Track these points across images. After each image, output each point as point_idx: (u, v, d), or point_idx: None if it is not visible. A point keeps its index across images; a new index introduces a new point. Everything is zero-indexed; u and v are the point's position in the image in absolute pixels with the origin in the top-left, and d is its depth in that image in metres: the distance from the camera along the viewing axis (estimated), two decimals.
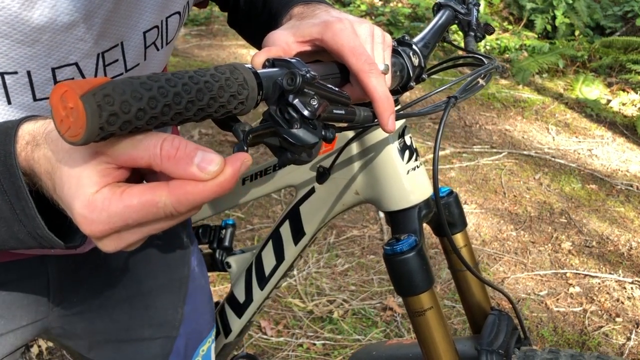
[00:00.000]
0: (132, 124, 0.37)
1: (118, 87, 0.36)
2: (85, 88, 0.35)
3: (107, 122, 0.35)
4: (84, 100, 0.34)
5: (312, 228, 0.82)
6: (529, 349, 0.79)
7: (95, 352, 0.83)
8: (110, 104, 0.35)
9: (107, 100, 0.35)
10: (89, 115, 0.34)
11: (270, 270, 0.87)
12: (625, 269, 2.30)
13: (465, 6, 0.80)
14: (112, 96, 0.35)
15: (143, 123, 0.37)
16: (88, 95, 0.34)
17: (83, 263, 0.79)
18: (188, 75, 0.40)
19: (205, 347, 0.91)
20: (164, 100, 0.38)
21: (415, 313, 0.71)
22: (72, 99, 0.34)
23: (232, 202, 0.94)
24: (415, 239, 0.70)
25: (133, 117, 0.36)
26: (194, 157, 0.39)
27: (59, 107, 0.35)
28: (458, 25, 0.81)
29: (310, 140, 0.46)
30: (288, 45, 0.58)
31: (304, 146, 0.46)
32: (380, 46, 0.61)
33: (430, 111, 0.63)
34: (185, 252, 0.88)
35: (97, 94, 0.35)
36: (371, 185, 0.74)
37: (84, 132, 0.35)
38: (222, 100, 0.41)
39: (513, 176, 2.95)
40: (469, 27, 0.80)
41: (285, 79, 0.45)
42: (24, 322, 0.75)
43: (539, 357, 0.77)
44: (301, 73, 0.45)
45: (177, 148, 0.39)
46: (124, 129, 0.37)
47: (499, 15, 4.91)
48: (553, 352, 0.77)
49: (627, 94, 3.83)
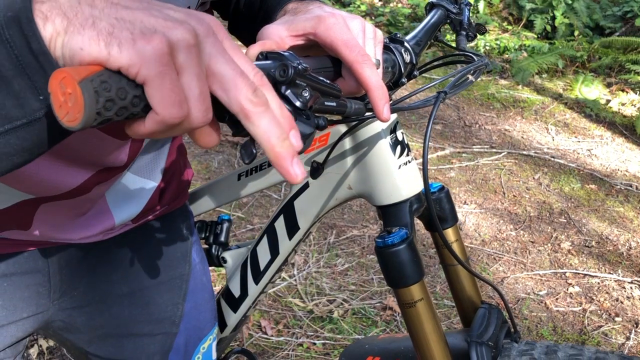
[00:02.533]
0: (127, 110, 0.38)
1: (115, 74, 0.37)
2: (83, 74, 0.35)
3: (104, 107, 0.36)
4: (81, 86, 0.35)
5: (306, 223, 0.83)
6: (528, 340, 0.81)
7: (95, 346, 0.84)
8: (107, 89, 0.36)
9: (104, 86, 0.36)
10: (87, 100, 0.35)
11: (265, 264, 0.88)
12: (625, 268, 2.31)
13: (457, 6, 0.82)
14: (109, 82, 0.36)
15: (139, 110, 0.38)
16: (86, 82, 0.35)
17: (84, 258, 0.80)
18: None
19: (206, 344, 0.91)
20: None
21: (406, 304, 0.72)
22: (70, 84, 0.35)
23: (228, 198, 0.95)
24: (406, 232, 0.72)
25: (129, 104, 0.37)
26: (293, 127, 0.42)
27: (58, 93, 0.36)
28: (450, 24, 0.82)
29: (306, 131, 0.46)
30: (281, 39, 0.59)
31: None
32: (372, 41, 0.62)
33: (421, 105, 0.64)
34: (187, 248, 0.88)
35: (94, 80, 0.36)
36: (363, 180, 0.75)
37: (82, 117, 0.35)
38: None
39: (512, 176, 2.96)
40: (460, 27, 0.82)
41: (277, 70, 0.46)
42: (25, 314, 0.76)
43: (537, 350, 0.78)
44: (293, 65, 0.46)
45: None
46: (120, 114, 0.37)
47: (498, 16, 4.92)
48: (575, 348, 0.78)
49: (626, 94, 3.83)
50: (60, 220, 0.74)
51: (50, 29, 0.37)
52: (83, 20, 0.37)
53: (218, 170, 2.82)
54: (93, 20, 0.37)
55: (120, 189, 0.77)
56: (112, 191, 0.77)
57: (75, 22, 0.37)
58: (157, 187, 0.81)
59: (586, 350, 0.78)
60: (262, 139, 0.41)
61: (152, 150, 0.79)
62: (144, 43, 0.36)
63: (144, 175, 0.79)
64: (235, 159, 2.93)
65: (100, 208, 0.77)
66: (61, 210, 0.72)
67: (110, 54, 0.36)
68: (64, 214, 0.73)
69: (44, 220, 0.72)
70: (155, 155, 0.80)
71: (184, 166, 0.89)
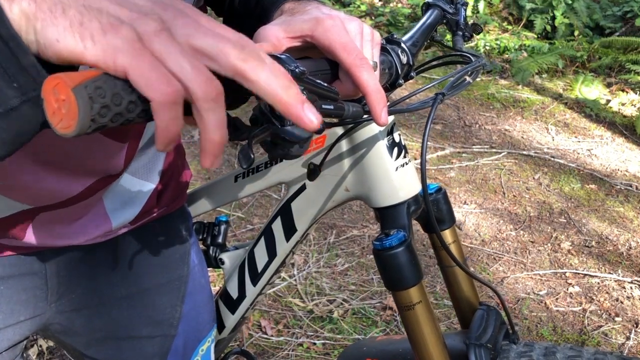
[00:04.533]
0: (123, 116, 0.37)
1: (110, 79, 0.36)
2: (77, 80, 0.35)
3: (99, 114, 0.36)
4: (75, 92, 0.34)
5: (303, 224, 0.82)
6: (527, 342, 0.80)
7: (93, 349, 0.84)
8: (102, 95, 0.35)
9: (99, 92, 0.35)
10: (81, 107, 0.35)
11: (263, 266, 0.88)
12: (625, 268, 2.30)
13: (454, 6, 0.82)
14: (104, 88, 0.36)
15: (134, 115, 0.38)
16: (80, 88, 0.35)
17: (82, 260, 0.79)
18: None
19: (205, 346, 0.91)
20: None
21: (404, 307, 0.72)
22: (64, 91, 0.34)
23: (225, 199, 0.95)
24: (404, 234, 0.71)
25: (124, 110, 0.37)
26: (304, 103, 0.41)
27: (51, 99, 0.35)
28: (446, 24, 0.82)
29: (303, 135, 0.46)
30: (278, 40, 0.59)
31: (296, 141, 0.47)
32: (369, 43, 0.62)
33: (419, 107, 0.64)
34: (185, 250, 0.88)
35: (88, 86, 0.35)
36: (361, 182, 0.75)
37: (76, 123, 0.35)
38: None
39: (512, 176, 2.96)
40: (456, 27, 0.81)
41: None
42: (22, 317, 0.76)
43: (536, 351, 0.78)
44: (290, 68, 0.46)
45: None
46: (115, 121, 0.37)
47: (498, 16, 4.92)
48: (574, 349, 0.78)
49: (626, 94, 3.83)
50: (56, 227, 0.73)
51: (17, 10, 0.36)
52: (52, 5, 0.36)
53: (218, 171, 2.82)
54: (62, 8, 0.36)
55: (118, 191, 0.77)
56: (110, 194, 0.76)
57: (43, 6, 0.36)
58: (155, 189, 0.81)
59: (585, 352, 0.78)
60: (265, 92, 0.40)
61: (149, 152, 0.79)
62: (113, 34, 0.36)
63: (142, 177, 0.79)
64: (235, 158, 2.94)
65: (98, 212, 0.76)
66: (58, 218, 0.72)
67: (86, 48, 0.36)
68: (60, 221, 0.73)
69: (40, 228, 0.71)
70: (153, 157, 0.80)
71: (182, 167, 0.89)
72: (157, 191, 0.81)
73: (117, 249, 0.82)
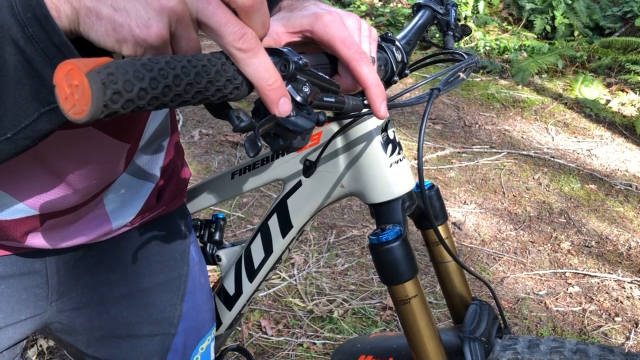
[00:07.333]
0: (134, 103, 0.38)
1: (121, 67, 0.37)
2: (90, 66, 0.35)
3: (111, 99, 0.36)
4: (89, 78, 0.35)
5: (299, 221, 0.83)
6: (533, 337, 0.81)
7: (93, 348, 0.84)
8: (114, 82, 0.36)
9: (111, 78, 0.36)
10: (95, 92, 0.35)
11: (259, 262, 0.88)
12: (625, 268, 2.30)
13: (444, 7, 0.83)
14: (116, 75, 0.36)
15: (144, 103, 0.38)
16: (93, 73, 0.35)
17: (82, 259, 0.79)
18: (187, 59, 0.41)
19: (205, 344, 0.91)
20: (164, 81, 0.39)
21: (400, 301, 0.72)
22: (77, 76, 0.35)
23: (222, 196, 0.95)
24: (400, 229, 0.72)
25: (135, 96, 0.37)
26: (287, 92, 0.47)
27: (64, 85, 0.36)
28: (437, 25, 0.83)
29: (307, 125, 0.47)
30: (278, 35, 0.60)
31: (299, 132, 0.47)
32: (367, 39, 0.62)
33: (415, 102, 0.65)
34: (185, 248, 0.88)
35: (101, 72, 0.36)
36: (356, 178, 0.76)
37: (89, 109, 0.35)
38: (219, 84, 0.43)
39: (512, 176, 2.96)
40: (447, 27, 0.83)
41: (278, 65, 0.46)
42: (23, 316, 0.76)
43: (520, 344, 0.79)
44: (294, 60, 0.46)
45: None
46: (126, 107, 0.38)
47: (498, 16, 4.93)
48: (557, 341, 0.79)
49: (626, 94, 3.83)
50: (57, 230, 0.73)
51: (65, 19, 0.42)
52: (87, 10, 0.41)
53: (218, 170, 2.83)
54: (96, 12, 0.41)
55: (118, 192, 0.77)
56: (110, 195, 0.76)
57: (81, 11, 0.41)
58: (154, 188, 0.81)
59: (567, 343, 0.78)
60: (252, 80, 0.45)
61: (149, 152, 0.79)
62: (144, 35, 0.41)
63: (142, 176, 0.79)
64: (235, 159, 2.94)
65: (98, 213, 0.76)
66: (60, 223, 0.72)
67: (122, 50, 0.41)
68: (61, 224, 0.73)
69: (43, 233, 0.72)
70: (152, 156, 0.80)
71: (182, 166, 0.89)
72: (156, 190, 0.82)
73: (117, 248, 0.82)
